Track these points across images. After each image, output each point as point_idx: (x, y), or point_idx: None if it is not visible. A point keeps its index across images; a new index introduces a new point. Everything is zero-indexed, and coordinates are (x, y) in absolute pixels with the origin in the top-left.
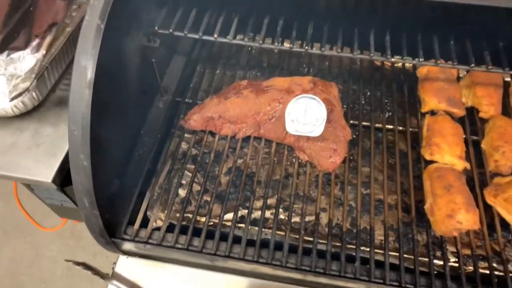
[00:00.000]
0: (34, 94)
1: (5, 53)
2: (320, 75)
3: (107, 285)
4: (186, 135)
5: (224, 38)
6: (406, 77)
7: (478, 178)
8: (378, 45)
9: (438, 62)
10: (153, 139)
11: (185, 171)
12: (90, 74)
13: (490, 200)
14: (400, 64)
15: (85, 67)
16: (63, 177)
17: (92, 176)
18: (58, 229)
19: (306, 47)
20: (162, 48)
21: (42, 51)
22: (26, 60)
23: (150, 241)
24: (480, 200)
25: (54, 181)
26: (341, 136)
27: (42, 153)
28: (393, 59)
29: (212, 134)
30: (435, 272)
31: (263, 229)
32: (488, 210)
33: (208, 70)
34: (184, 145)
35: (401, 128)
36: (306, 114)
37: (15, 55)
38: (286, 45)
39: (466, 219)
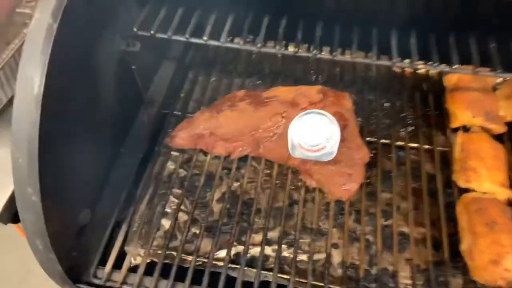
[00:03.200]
0: None
1: None
2: (331, 83)
3: None
4: (173, 153)
5: (216, 41)
6: (430, 85)
7: None
8: (400, 49)
9: (477, 70)
10: (134, 159)
11: (171, 196)
12: (37, 86)
13: None
14: (423, 71)
15: (31, 78)
16: (15, 212)
17: (50, 212)
18: None
19: (314, 51)
20: (145, 54)
21: None
22: None
23: (124, 287)
24: None
25: (1, 218)
26: (357, 159)
27: None
28: (420, 66)
29: (204, 152)
30: None
31: (262, 271)
32: None
33: (201, 77)
34: (170, 165)
35: (427, 146)
36: (315, 134)
37: None
38: (291, 49)
39: None
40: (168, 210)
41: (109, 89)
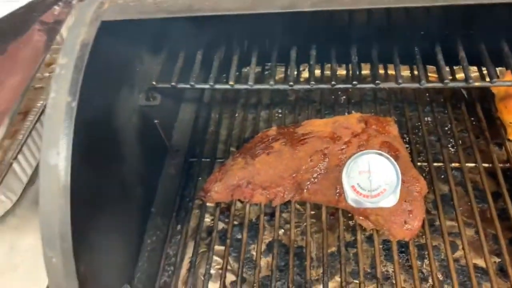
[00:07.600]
0: (3, 197)
1: None
2: (365, 104)
3: None
4: (208, 204)
5: (244, 85)
6: (476, 92)
7: None
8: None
9: None
10: (167, 218)
11: (213, 255)
12: (64, 176)
13: None
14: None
15: (56, 167)
16: None
17: None
18: None
19: (354, 82)
20: (165, 103)
21: None
22: None
23: None
24: None
25: None
26: (415, 192)
27: (20, 278)
28: (477, 84)
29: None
30: None
31: None
32: None
33: (225, 115)
34: (207, 219)
35: (486, 165)
36: (372, 178)
37: None
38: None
39: None
40: (212, 271)
41: (133, 149)
